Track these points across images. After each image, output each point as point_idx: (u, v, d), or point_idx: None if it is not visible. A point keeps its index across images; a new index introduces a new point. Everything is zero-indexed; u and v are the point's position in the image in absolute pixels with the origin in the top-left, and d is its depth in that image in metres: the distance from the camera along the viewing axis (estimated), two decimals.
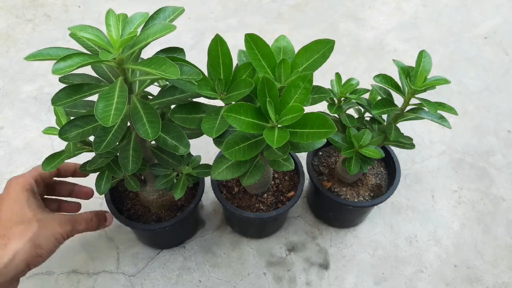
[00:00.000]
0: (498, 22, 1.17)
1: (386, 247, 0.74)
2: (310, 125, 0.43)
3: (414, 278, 0.71)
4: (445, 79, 0.52)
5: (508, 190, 0.82)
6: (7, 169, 0.83)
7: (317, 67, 0.47)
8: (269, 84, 0.43)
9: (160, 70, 0.38)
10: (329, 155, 0.75)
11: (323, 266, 0.72)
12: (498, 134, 0.92)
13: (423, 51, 0.54)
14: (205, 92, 0.46)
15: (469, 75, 1.03)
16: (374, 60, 1.06)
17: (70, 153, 0.52)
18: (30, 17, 1.13)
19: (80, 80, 0.47)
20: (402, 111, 0.57)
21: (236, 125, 0.43)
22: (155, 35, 0.39)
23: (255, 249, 0.73)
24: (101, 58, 0.37)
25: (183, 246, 0.73)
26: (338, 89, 0.58)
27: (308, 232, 0.76)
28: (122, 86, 0.41)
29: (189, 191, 0.69)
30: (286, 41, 0.50)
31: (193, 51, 1.05)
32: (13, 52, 1.04)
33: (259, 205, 0.67)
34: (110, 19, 0.41)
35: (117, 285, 0.69)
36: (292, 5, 1.20)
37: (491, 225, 0.78)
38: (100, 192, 0.55)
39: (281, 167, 0.51)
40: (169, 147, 0.47)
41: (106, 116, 0.38)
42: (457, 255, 0.74)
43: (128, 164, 0.49)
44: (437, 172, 0.85)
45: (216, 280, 0.70)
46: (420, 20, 1.17)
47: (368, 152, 0.58)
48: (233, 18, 1.16)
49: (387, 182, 0.71)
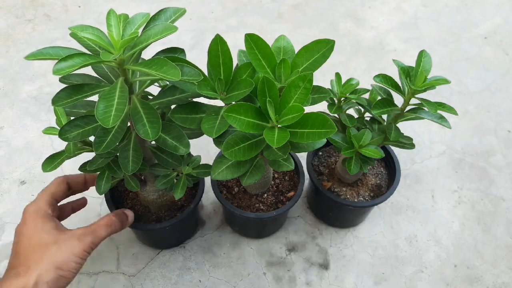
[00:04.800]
0: (498, 22, 1.18)
1: (386, 247, 0.74)
2: (310, 125, 0.43)
3: (414, 278, 0.71)
4: (445, 79, 0.52)
5: (508, 190, 0.82)
6: (7, 169, 0.83)
7: (317, 67, 0.47)
8: (269, 84, 0.43)
9: (161, 71, 0.38)
10: (329, 155, 0.75)
11: (323, 266, 0.72)
12: (498, 134, 0.92)
13: (423, 51, 0.54)
14: (205, 92, 0.46)
15: (469, 75, 1.04)
16: (374, 60, 1.06)
17: (70, 153, 0.52)
18: (30, 17, 1.14)
19: (80, 80, 0.47)
20: (402, 111, 0.57)
21: (236, 125, 0.43)
22: (157, 36, 0.39)
23: (255, 249, 0.73)
24: (102, 59, 0.37)
25: (183, 246, 0.73)
26: (338, 89, 0.58)
27: (308, 232, 0.76)
28: (122, 86, 0.41)
29: (189, 191, 0.69)
30: (286, 41, 0.50)
31: (193, 51, 1.05)
32: (13, 52, 1.04)
33: (259, 205, 0.67)
34: (111, 20, 0.41)
35: (117, 285, 0.69)
36: (292, 5, 1.20)
37: (491, 225, 0.78)
38: (100, 192, 0.55)
39: (281, 167, 0.51)
40: (169, 147, 0.47)
41: (106, 117, 0.38)
42: (457, 255, 0.74)
43: (128, 164, 0.49)
44: (437, 172, 0.85)
45: (216, 280, 0.70)
46: (420, 20, 1.17)
47: (368, 152, 0.58)
48: (233, 18, 1.16)
49: (387, 182, 0.71)
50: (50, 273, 0.48)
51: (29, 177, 0.81)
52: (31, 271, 0.48)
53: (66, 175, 0.60)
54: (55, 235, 0.51)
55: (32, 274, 0.48)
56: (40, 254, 0.49)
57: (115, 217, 0.57)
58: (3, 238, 0.73)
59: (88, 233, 0.53)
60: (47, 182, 0.80)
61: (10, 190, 0.80)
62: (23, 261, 0.49)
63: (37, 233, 0.51)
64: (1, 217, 0.76)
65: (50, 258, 0.49)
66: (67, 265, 0.50)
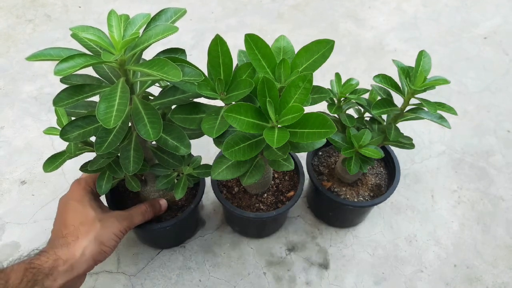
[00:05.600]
0: (498, 22, 1.18)
1: (386, 247, 0.74)
2: (310, 125, 0.43)
3: (414, 278, 0.71)
4: (444, 79, 0.52)
5: (507, 190, 0.82)
6: (7, 169, 0.83)
7: (317, 67, 0.47)
8: (269, 84, 0.43)
9: (162, 72, 0.38)
10: (329, 155, 0.75)
11: (323, 266, 0.72)
12: (498, 134, 0.92)
13: (423, 51, 0.54)
14: (205, 92, 0.46)
15: (469, 75, 1.04)
16: (374, 60, 1.06)
17: (71, 153, 0.52)
18: (30, 17, 1.14)
19: (81, 81, 0.47)
20: (401, 111, 0.57)
21: (236, 125, 0.43)
22: (157, 37, 0.39)
23: (255, 249, 0.74)
24: (103, 59, 0.37)
25: (183, 246, 0.74)
26: (338, 89, 0.58)
27: (308, 232, 0.76)
28: (123, 87, 0.41)
29: (189, 191, 0.69)
30: (286, 41, 0.50)
31: (193, 51, 1.05)
32: (13, 52, 1.04)
33: (259, 205, 0.67)
34: (112, 20, 0.42)
35: (117, 284, 0.69)
36: (292, 5, 1.21)
37: (490, 225, 0.78)
38: (101, 192, 0.56)
39: (281, 167, 0.51)
40: (170, 148, 0.47)
41: (107, 118, 0.38)
42: (456, 255, 0.74)
43: (129, 164, 0.49)
44: (436, 172, 0.85)
45: (216, 280, 0.70)
46: (420, 20, 1.18)
47: (368, 152, 0.58)
48: (233, 18, 1.16)
49: (387, 182, 0.71)
50: (95, 246, 0.53)
51: (29, 177, 0.82)
52: (80, 242, 0.52)
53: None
54: (100, 213, 0.56)
55: (80, 245, 0.52)
56: (87, 227, 0.53)
57: (149, 207, 0.61)
58: (3, 238, 0.73)
59: (126, 216, 0.58)
60: (48, 182, 0.80)
61: (11, 190, 0.80)
62: (72, 231, 0.53)
63: (84, 208, 0.55)
64: (1, 217, 0.76)
65: (96, 232, 0.54)
66: (108, 242, 0.55)
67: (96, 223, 0.54)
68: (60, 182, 0.81)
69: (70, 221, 0.54)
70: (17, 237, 0.73)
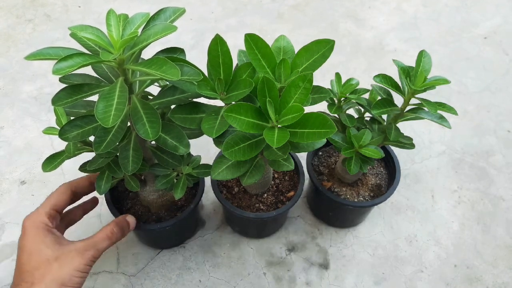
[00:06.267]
0: (498, 22, 1.18)
1: (386, 247, 0.74)
2: (310, 125, 0.43)
3: (414, 278, 0.71)
4: (444, 79, 0.52)
5: (507, 190, 0.82)
6: (7, 169, 0.83)
7: (317, 67, 0.47)
8: (269, 84, 0.43)
9: (161, 71, 0.38)
10: (329, 155, 0.75)
11: (323, 266, 0.72)
12: (498, 134, 0.92)
13: (423, 51, 0.54)
14: (205, 92, 0.46)
15: (469, 75, 1.04)
16: (374, 60, 1.06)
17: (70, 153, 0.52)
18: (30, 17, 1.14)
19: (80, 80, 0.47)
20: (402, 111, 0.57)
21: (236, 125, 0.43)
22: (156, 36, 0.39)
23: (255, 249, 0.73)
24: (101, 59, 0.37)
25: (183, 246, 0.73)
26: (338, 89, 0.58)
27: (308, 232, 0.76)
28: (122, 86, 0.41)
29: (189, 191, 0.69)
30: (286, 41, 0.50)
31: (193, 51, 1.05)
32: (13, 52, 1.04)
33: (259, 205, 0.67)
34: (111, 19, 0.41)
35: (117, 285, 0.69)
36: (292, 5, 1.20)
37: (490, 225, 0.78)
38: (100, 192, 0.55)
39: (281, 167, 0.51)
40: (169, 147, 0.47)
41: (106, 117, 0.38)
42: (456, 255, 0.74)
43: (128, 164, 0.49)
44: (436, 172, 0.85)
45: (216, 280, 0.70)
46: (420, 20, 1.17)
47: (368, 152, 0.58)
48: (233, 18, 1.16)
49: (387, 182, 0.71)
50: None
51: (29, 177, 0.81)
52: None
53: (70, 181, 0.59)
54: (56, 250, 0.50)
55: None
56: (42, 270, 0.48)
57: (115, 228, 0.56)
58: (3, 238, 0.73)
59: (89, 246, 0.52)
60: (47, 182, 0.80)
61: (10, 190, 0.80)
62: (26, 278, 0.48)
63: (38, 247, 0.50)
64: (1, 217, 0.76)
65: (53, 275, 0.48)
66: (70, 281, 0.49)
67: (52, 263, 0.49)
68: (60, 182, 0.80)
69: (24, 267, 0.49)
70: (17, 237, 0.73)
